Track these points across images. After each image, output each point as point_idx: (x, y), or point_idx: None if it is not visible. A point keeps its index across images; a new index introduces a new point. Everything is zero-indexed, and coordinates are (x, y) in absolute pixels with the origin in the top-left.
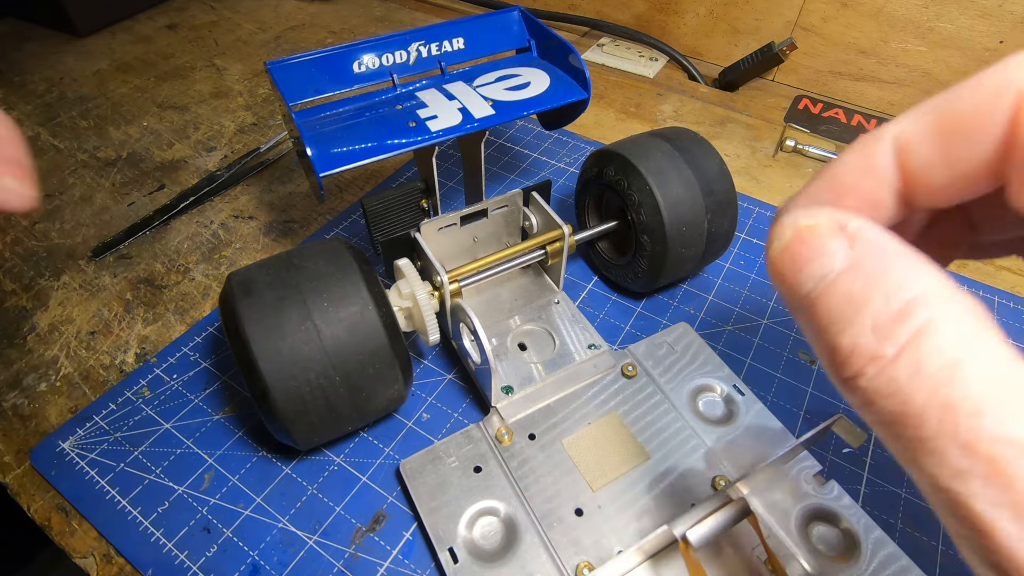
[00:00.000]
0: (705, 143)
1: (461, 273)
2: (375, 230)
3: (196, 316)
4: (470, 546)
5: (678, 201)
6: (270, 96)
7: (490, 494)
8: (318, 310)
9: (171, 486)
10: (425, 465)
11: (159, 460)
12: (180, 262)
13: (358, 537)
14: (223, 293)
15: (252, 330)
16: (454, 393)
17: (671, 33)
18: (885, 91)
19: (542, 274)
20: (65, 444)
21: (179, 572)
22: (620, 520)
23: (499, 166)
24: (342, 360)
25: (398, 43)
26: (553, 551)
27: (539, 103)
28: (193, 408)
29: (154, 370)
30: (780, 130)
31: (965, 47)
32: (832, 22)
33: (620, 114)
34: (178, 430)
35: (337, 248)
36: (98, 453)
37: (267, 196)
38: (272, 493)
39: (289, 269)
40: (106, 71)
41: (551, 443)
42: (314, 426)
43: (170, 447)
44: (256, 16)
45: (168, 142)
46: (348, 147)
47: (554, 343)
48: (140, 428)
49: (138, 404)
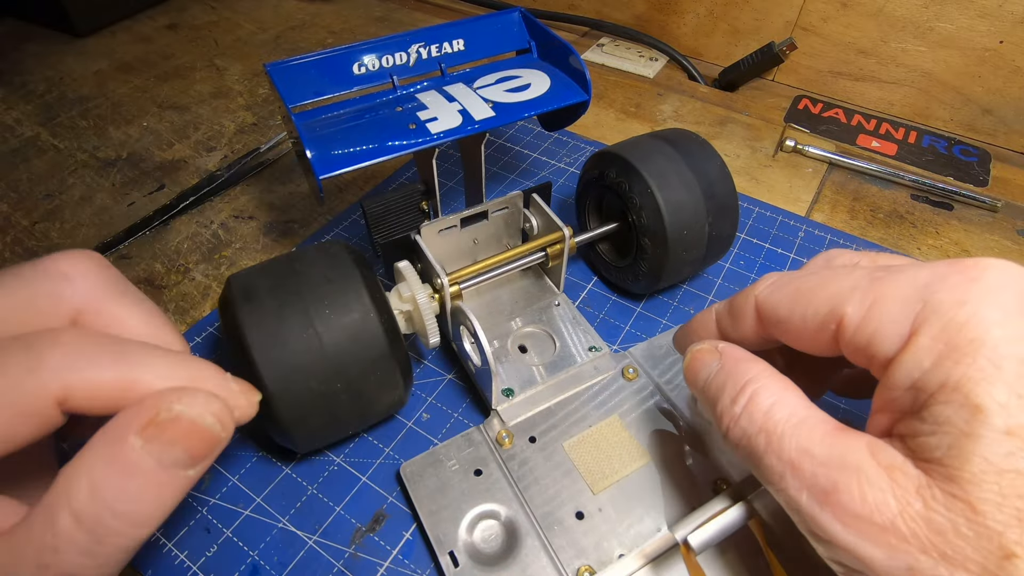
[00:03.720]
0: (707, 145)
1: (461, 275)
2: (375, 232)
3: (196, 316)
4: (471, 550)
5: (679, 204)
6: (270, 96)
7: (490, 497)
8: (320, 317)
9: None
10: (425, 468)
11: None
12: (180, 262)
13: (358, 537)
14: (223, 298)
15: (254, 337)
16: (454, 393)
17: (671, 33)
18: (885, 91)
19: (542, 276)
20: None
21: (179, 572)
22: (621, 523)
23: (499, 166)
24: (344, 368)
25: (398, 45)
26: (554, 554)
27: (539, 105)
28: None
29: None
30: (780, 130)
31: (965, 47)
32: (832, 22)
33: (620, 114)
34: None
35: (338, 252)
36: None
37: (267, 196)
38: (272, 493)
39: (290, 274)
40: (106, 71)
41: (552, 446)
42: (315, 431)
43: None
44: (256, 16)
45: (168, 142)
46: (348, 149)
47: (555, 345)
48: None
49: None
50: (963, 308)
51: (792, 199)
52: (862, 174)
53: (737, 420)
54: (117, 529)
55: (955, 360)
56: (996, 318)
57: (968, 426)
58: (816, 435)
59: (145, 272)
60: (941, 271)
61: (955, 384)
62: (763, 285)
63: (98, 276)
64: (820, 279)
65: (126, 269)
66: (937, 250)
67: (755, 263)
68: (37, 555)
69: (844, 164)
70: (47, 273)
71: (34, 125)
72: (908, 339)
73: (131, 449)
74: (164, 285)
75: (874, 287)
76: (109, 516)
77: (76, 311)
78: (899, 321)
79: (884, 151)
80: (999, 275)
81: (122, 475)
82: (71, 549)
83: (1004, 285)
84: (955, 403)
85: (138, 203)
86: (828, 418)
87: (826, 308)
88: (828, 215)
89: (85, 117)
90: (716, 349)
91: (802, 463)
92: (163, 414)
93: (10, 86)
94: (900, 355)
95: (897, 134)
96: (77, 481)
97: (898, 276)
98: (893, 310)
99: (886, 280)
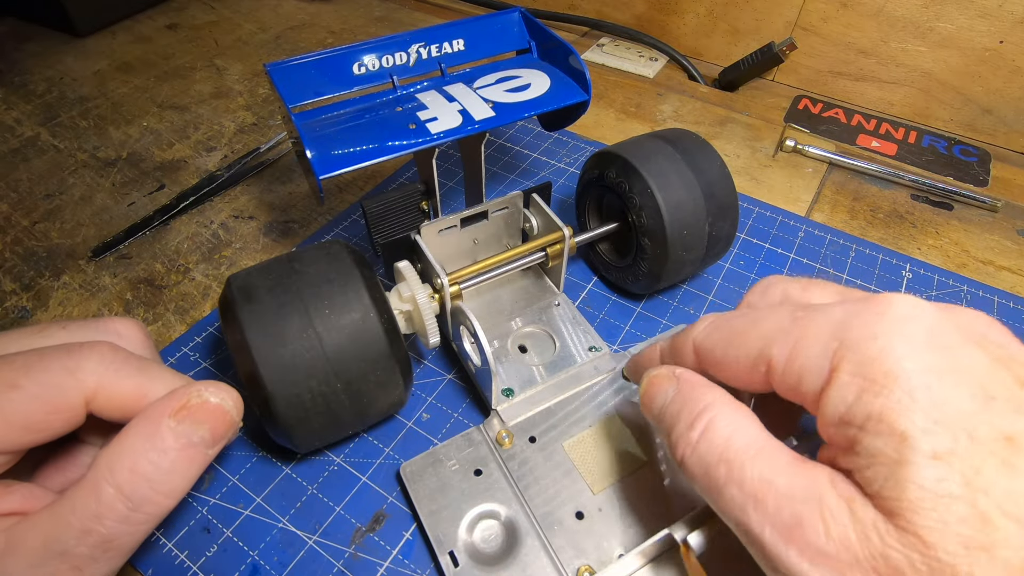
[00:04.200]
0: (706, 146)
1: (461, 275)
2: (375, 232)
3: (196, 316)
4: (470, 549)
5: (679, 204)
6: (270, 96)
7: (490, 497)
8: (320, 317)
9: None
10: (425, 468)
11: None
12: (180, 262)
13: (358, 537)
14: (223, 298)
15: (254, 337)
16: (454, 393)
17: (671, 33)
18: (885, 91)
19: (542, 276)
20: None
21: (179, 572)
22: (621, 523)
23: (499, 166)
24: (344, 367)
25: (398, 44)
26: (554, 554)
27: (539, 105)
28: None
29: None
30: (780, 130)
31: (965, 47)
32: (832, 22)
33: (620, 114)
34: None
35: (338, 252)
36: None
37: (267, 196)
38: (272, 493)
39: (290, 274)
40: (106, 71)
41: (552, 446)
42: (315, 431)
43: None
44: (256, 16)
45: (168, 142)
46: (348, 149)
47: (555, 345)
48: None
49: None
50: (874, 343)
51: (792, 199)
52: (862, 174)
53: (694, 448)
54: (152, 499)
55: (875, 393)
56: (905, 351)
57: (898, 454)
58: (778, 464)
59: (145, 272)
60: (853, 308)
61: (878, 415)
62: (700, 327)
63: (142, 341)
64: (749, 321)
65: (126, 269)
66: (937, 250)
67: (755, 263)
68: (81, 523)
69: (844, 164)
70: (106, 329)
71: (34, 125)
72: (830, 376)
73: (167, 429)
74: (164, 285)
75: (796, 327)
76: (146, 487)
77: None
78: (820, 360)
79: (884, 151)
80: (903, 308)
81: (158, 451)
82: (111, 516)
83: (908, 317)
84: (883, 433)
85: (138, 203)
86: (786, 448)
87: (755, 350)
88: (828, 215)
89: (85, 117)
90: (673, 375)
91: (766, 494)
92: (194, 399)
93: (10, 86)
94: (826, 391)
95: (897, 134)
96: (120, 458)
97: (816, 316)
98: (814, 350)
99: (805, 320)
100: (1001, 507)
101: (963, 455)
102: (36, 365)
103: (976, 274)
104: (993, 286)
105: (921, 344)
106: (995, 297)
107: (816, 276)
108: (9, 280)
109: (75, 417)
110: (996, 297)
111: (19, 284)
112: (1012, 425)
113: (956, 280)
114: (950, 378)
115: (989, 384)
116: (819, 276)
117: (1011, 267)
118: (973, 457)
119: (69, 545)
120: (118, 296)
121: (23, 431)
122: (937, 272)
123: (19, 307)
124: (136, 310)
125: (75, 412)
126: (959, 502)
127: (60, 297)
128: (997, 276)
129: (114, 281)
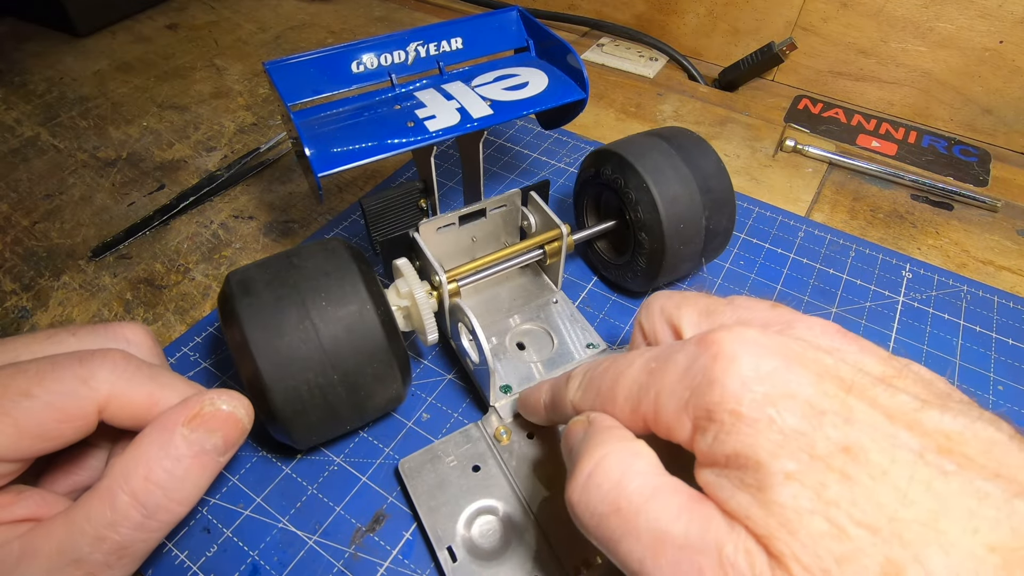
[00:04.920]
0: (702, 141)
1: (460, 273)
2: (374, 230)
3: (196, 316)
4: (469, 545)
5: (675, 198)
6: (270, 96)
7: (488, 493)
8: (316, 309)
9: None
10: (424, 464)
11: None
12: (180, 262)
13: (358, 537)
14: (222, 293)
15: (251, 329)
16: (454, 393)
17: (671, 33)
18: (885, 91)
19: (540, 274)
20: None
21: (179, 572)
22: None
23: (499, 166)
24: (340, 359)
25: (397, 43)
26: (551, 549)
27: (537, 103)
28: None
29: None
30: (780, 130)
31: (965, 47)
32: (832, 22)
33: (620, 114)
34: None
35: (336, 248)
36: None
37: (267, 196)
38: (272, 493)
39: (288, 268)
40: (106, 71)
41: (549, 441)
42: (313, 426)
43: None
44: (256, 16)
45: (168, 142)
46: (347, 147)
47: (553, 342)
48: None
49: None
50: (715, 388)
51: (792, 199)
52: (862, 174)
53: (582, 494)
54: (165, 506)
55: (726, 432)
56: (737, 389)
57: (758, 481)
58: (672, 509)
59: (145, 272)
60: (693, 352)
61: (734, 452)
62: (574, 386)
63: (150, 347)
64: (612, 378)
65: (126, 269)
66: (937, 250)
67: (755, 263)
68: (96, 530)
69: (844, 164)
70: (116, 335)
71: (34, 125)
72: (692, 425)
73: (180, 437)
74: (164, 285)
75: (652, 382)
76: (160, 495)
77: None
78: (680, 414)
79: (884, 151)
80: (729, 347)
81: (172, 459)
82: (126, 524)
83: (735, 355)
84: (743, 467)
85: (138, 203)
86: (681, 484)
87: (628, 410)
88: (828, 215)
89: (85, 117)
90: (587, 419)
91: (663, 547)
92: (207, 407)
93: (10, 86)
94: (692, 437)
95: (897, 134)
96: (135, 466)
97: (666, 367)
98: (672, 404)
99: (658, 373)
100: (851, 517)
101: (808, 472)
102: (49, 374)
103: (976, 274)
104: (993, 286)
105: (752, 378)
106: (995, 297)
107: (816, 276)
108: (9, 280)
109: (87, 425)
110: (996, 297)
111: (19, 284)
112: (845, 436)
113: (956, 280)
114: (783, 403)
115: (817, 400)
116: (819, 276)
117: (1011, 267)
118: (816, 473)
119: (84, 552)
120: (118, 296)
121: (36, 439)
122: (937, 272)
123: (19, 307)
124: (136, 310)
125: (88, 421)
126: (816, 517)
127: (60, 297)
128: (997, 276)
129: (114, 281)
